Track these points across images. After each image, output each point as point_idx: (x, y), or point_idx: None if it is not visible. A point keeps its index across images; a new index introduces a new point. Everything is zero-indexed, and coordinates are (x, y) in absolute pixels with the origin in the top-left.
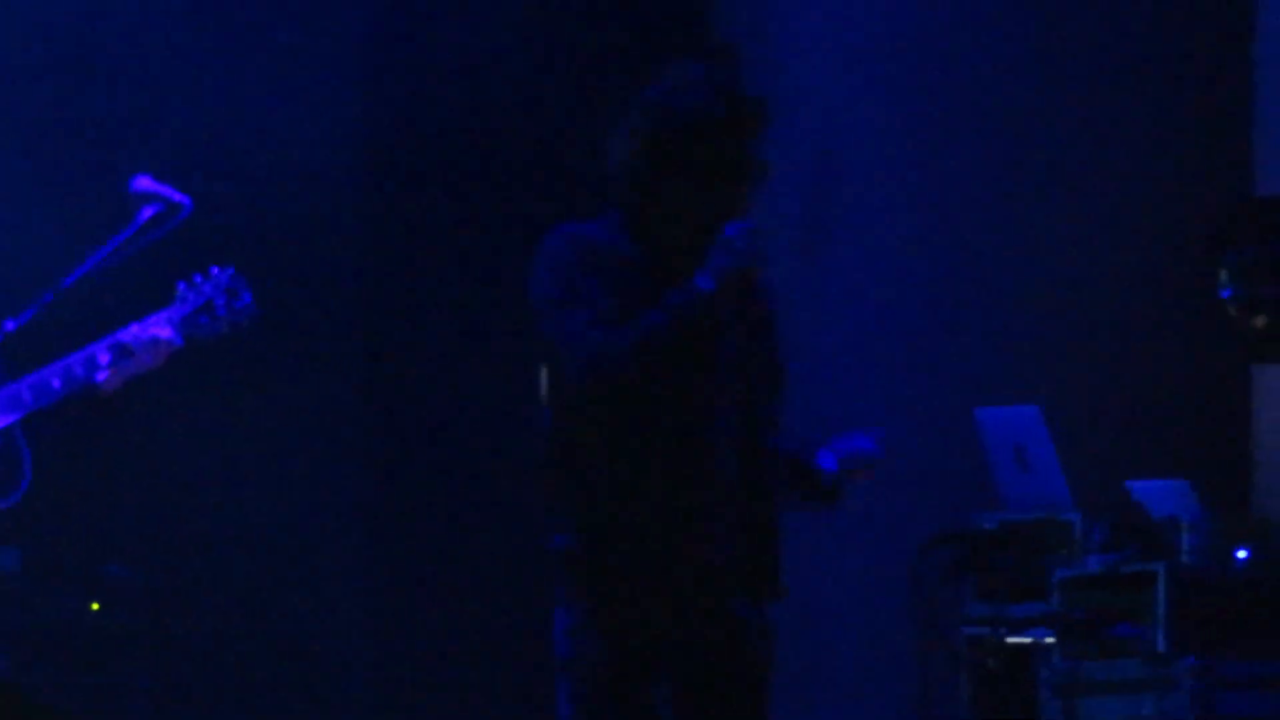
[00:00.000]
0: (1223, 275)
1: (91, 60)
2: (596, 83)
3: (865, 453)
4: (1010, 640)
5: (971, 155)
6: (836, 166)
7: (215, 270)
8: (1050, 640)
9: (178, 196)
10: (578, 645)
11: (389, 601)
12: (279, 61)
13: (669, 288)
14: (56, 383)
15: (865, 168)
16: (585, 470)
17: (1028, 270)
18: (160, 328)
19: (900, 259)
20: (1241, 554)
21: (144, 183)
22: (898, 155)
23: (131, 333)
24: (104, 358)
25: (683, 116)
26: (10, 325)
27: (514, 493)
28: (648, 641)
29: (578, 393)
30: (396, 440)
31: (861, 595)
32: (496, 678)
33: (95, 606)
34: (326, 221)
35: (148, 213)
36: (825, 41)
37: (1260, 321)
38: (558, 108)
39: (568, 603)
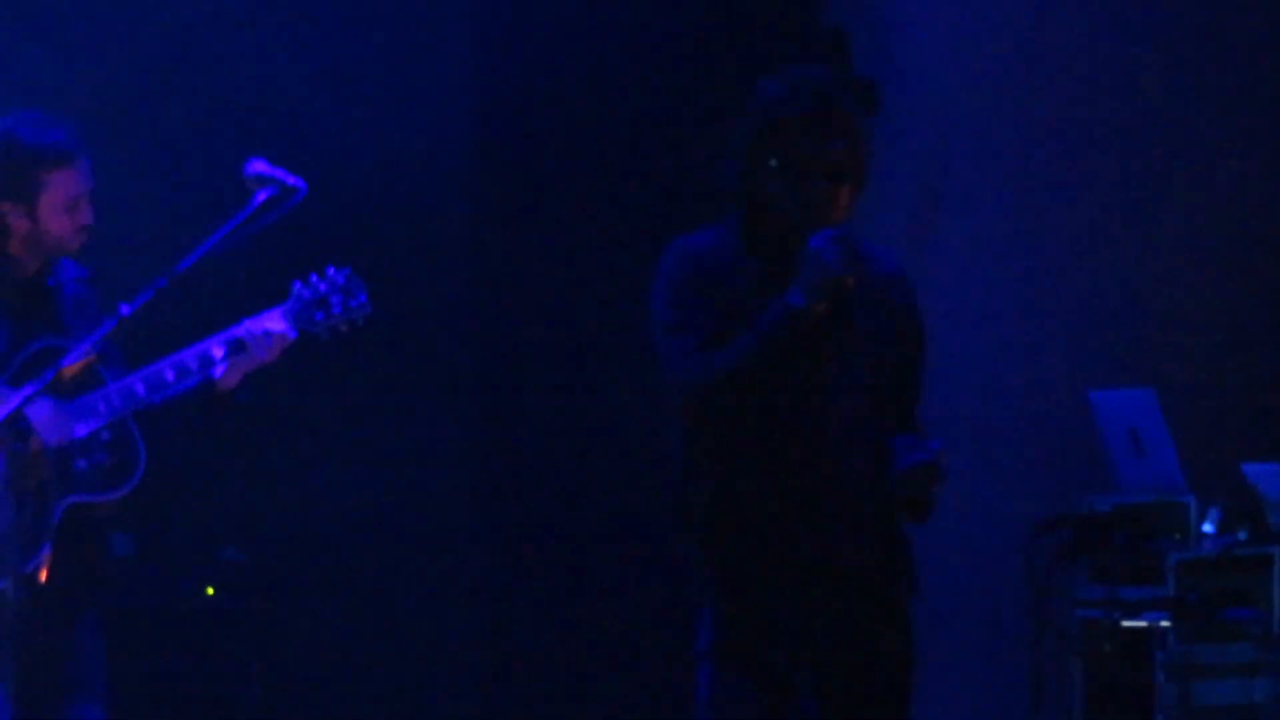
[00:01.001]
0: None
1: (209, 50)
2: (708, 76)
3: (917, 469)
4: (1125, 624)
5: (1082, 139)
6: (947, 151)
7: (331, 270)
8: (1165, 624)
9: (292, 180)
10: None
11: (501, 591)
12: (393, 60)
13: (776, 293)
14: (170, 375)
15: (976, 152)
16: (705, 477)
17: (1142, 253)
18: (274, 323)
19: (1013, 242)
20: None
21: (258, 166)
22: (1009, 138)
23: (245, 328)
24: (218, 352)
25: (771, 116)
26: (125, 310)
27: (630, 489)
28: (782, 641)
29: (689, 412)
30: (510, 433)
31: (975, 579)
32: (603, 666)
33: (210, 591)
34: (441, 222)
35: (262, 196)
36: (936, 28)
37: None
38: (669, 102)
39: (704, 601)
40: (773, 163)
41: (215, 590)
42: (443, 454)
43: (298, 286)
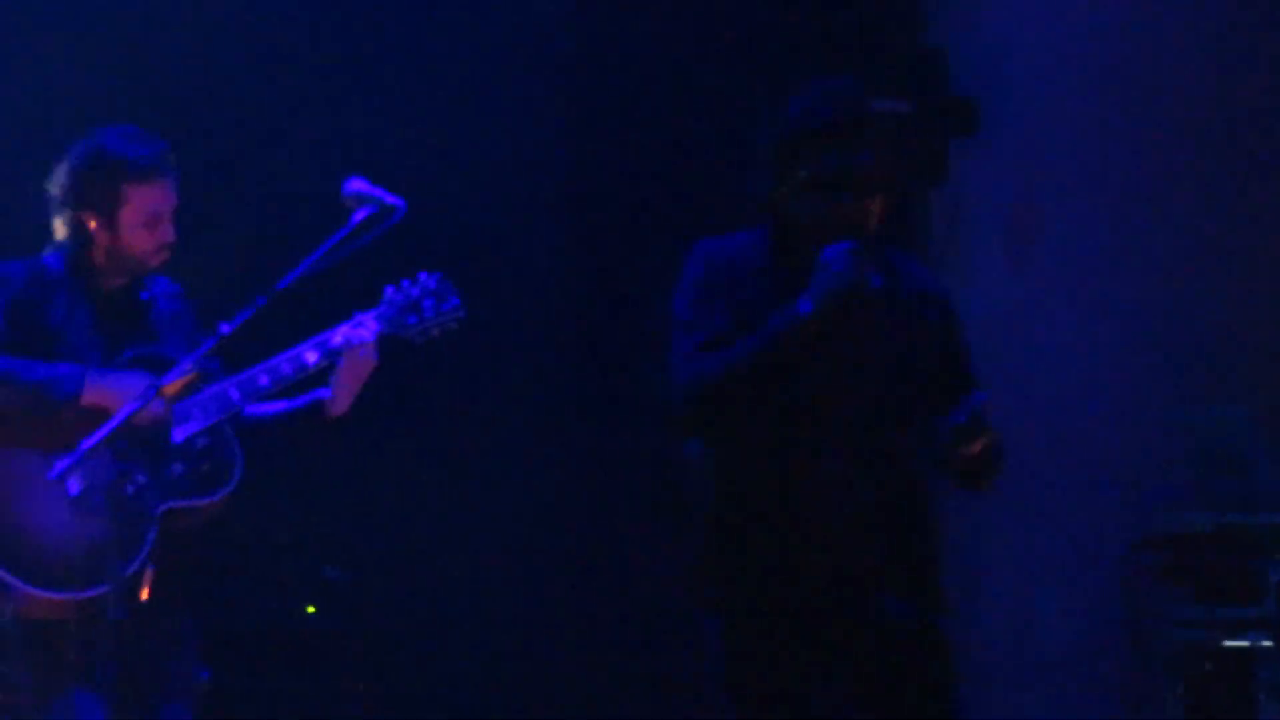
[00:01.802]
0: None
1: (305, 66)
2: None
3: (958, 430)
4: (1225, 644)
5: (1181, 157)
6: (1045, 171)
7: (423, 275)
8: (1267, 644)
9: (391, 199)
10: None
11: (609, 608)
12: (485, 69)
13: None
14: (264, 380)
15: (1074, 171)
16: (716, 483)
17: (1237, 272)
18: (366, 327)
19: (1111, 261)
20: None
21: (357, 185)
22: (1107, 156)
23: (338, 333)
24: (311, 356)
25: (797, 129)
26: (225, 328)
27: None
28: (799, 649)
29: (682, 412)
30: (615, 446)
31: (1073, 599)
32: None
33: (311, 610)
34: (534, 228)
35: (361, 215)
36: (1035, 48)
37: None
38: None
39: (712, 613)
40: (801, 174)
41: (316, 609)
42: (543, 466)
43: (389, 291)
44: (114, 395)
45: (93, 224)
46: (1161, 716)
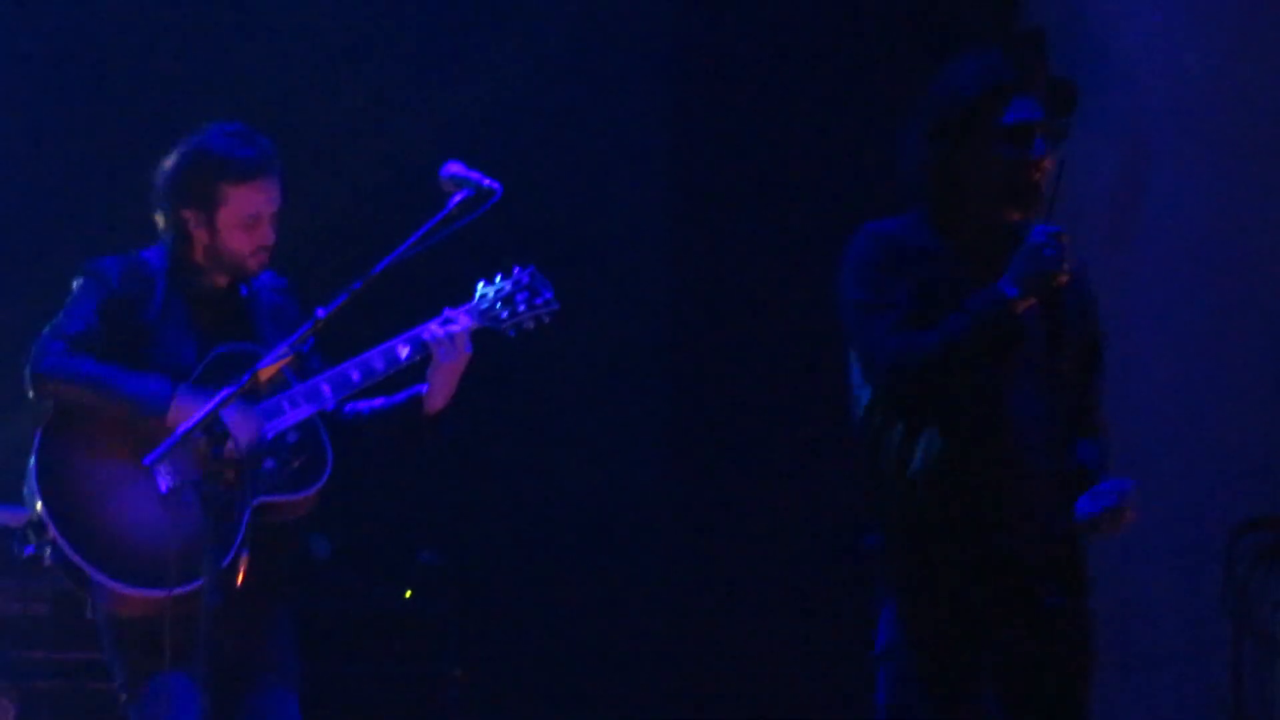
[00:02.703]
0: None
1: (397, 55)
2: (908, 77)
3: (1107, 514)
4: None
5: None
6: (1148, 152)
7: (516, 268)
8: None
9: (488, 182)
10: (897, 640)
11: (695, 592)
12: (587, 59)
13: (973, 279)
14: (355, 375)
15: (1177, 152)
16: (893, 470)
17: None
18: (458, 322)
19: (1214, 242)
20: None
21: (454, 168)
22: (1211, 139)
23: (430, 328)
24: (403, 350)
25: (953, 94)
26: (321, 312)
27: (820, 488)
28: (964, 638)
29: (883, 396)
30: (701, 435)
31: (1175, 582)
32: (801, 670)
33: (408, 594)
34: (632, 220)
35: (458, 198)
36: (1137, 27)
37: None
38: (867, 102)
39: (886, 598)
40: (960, 148)
41: (413, 593)
42: (638, 452)
43: (482, 285)
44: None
45: (191, 221)
46: (1263, 700)
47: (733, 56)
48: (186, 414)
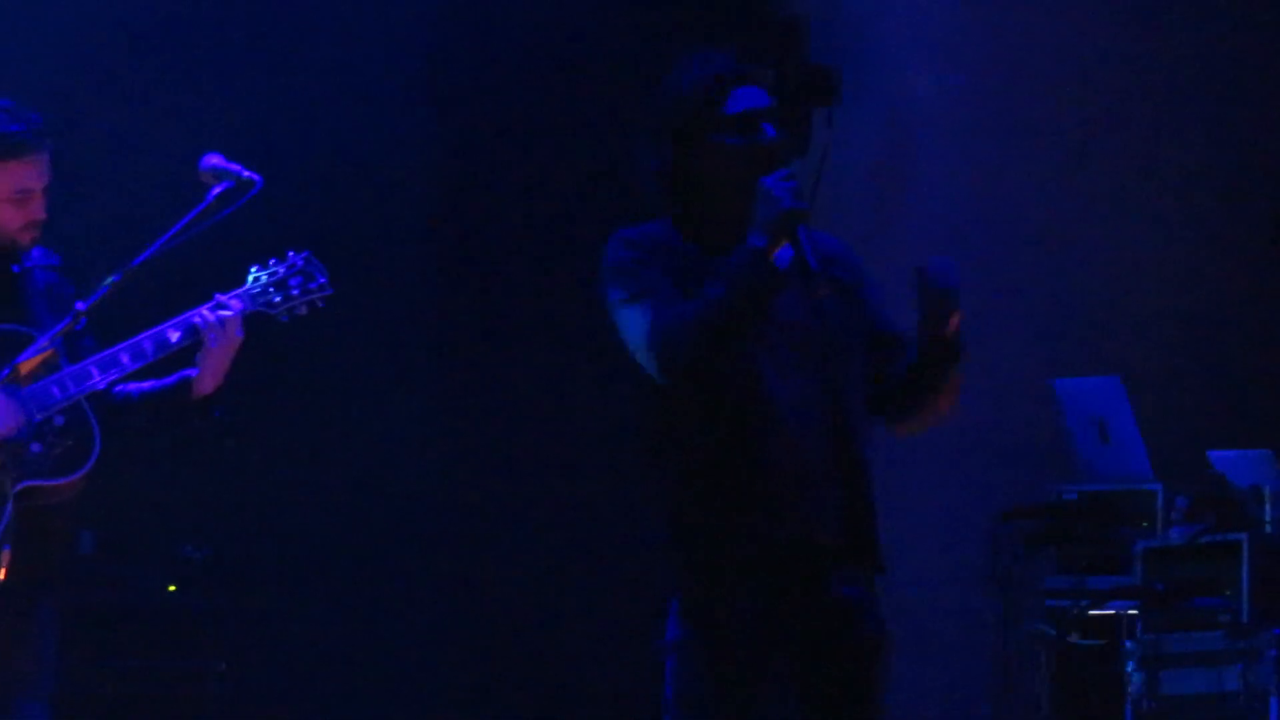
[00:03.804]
0: None
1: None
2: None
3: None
4: (1092, 613)
5: (1047, 126)
6: (908, 139)
7: (290, 253)
8: (1133, 612)
9: (247, 174)
10: (684, 633)
11: (469, 583)
12: (351, 44)
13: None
14: (125, 359)
15: (937, 139)
16: (674, 463)
17: (1108, 239)
18: (229, 306)
19: (975, 229)
20: None
21: (213, 160)
22: (971, 125)
23: (200, 312)
24: (174, 335)
25: (679, 92)
26: (81, 305)
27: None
28: (750, 630)
29: (659, 379)
30: (475, 423)
31: (942, 568)
32: (575, 658)
33: (172, 588)
34: (402, 209)
35: (217, 190)
36: (894, 15)
37: None
38: (625, 97)
39: (673, 590)
40: (697, 146)
41: (177, 587)
42: (407, 444)
43: (255, 269)
44: None
45: None
46: (1030, 686)
47: (496, 47)
48: None
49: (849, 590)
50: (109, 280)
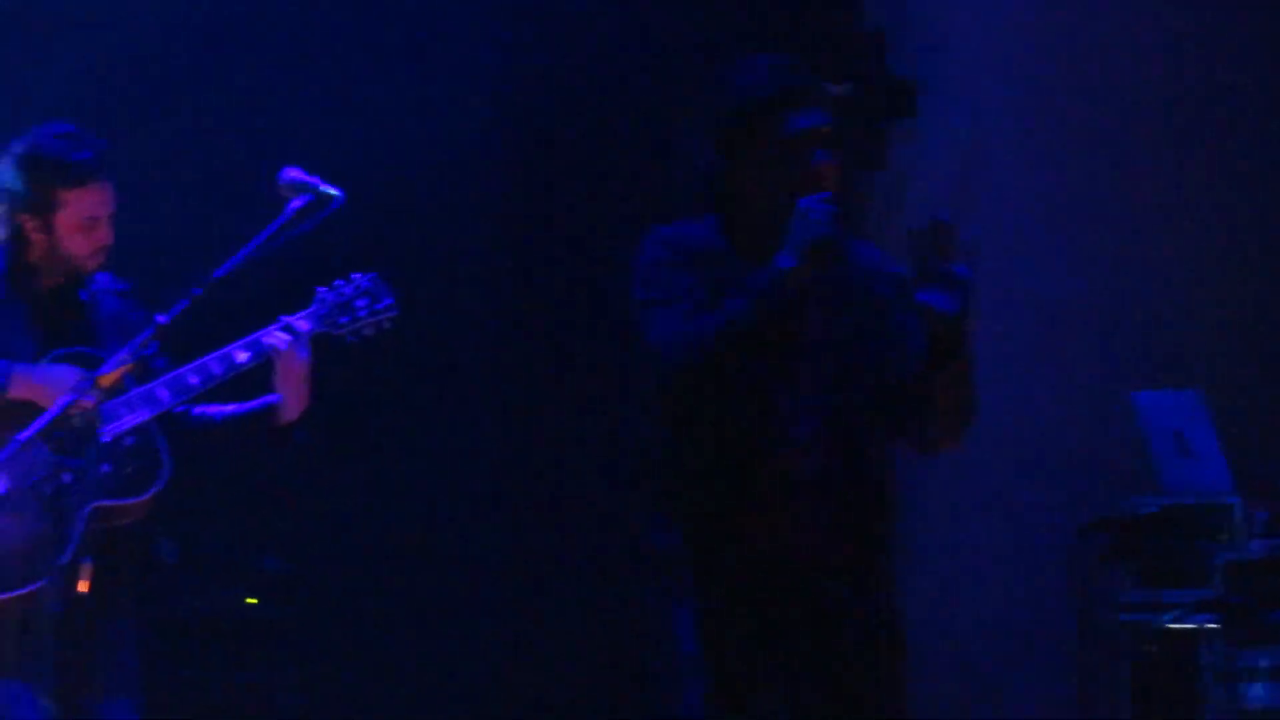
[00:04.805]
0: None
1: (243, 59)
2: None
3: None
4: (1171, 626)
5: (1124, 137)
6: (985, 151)
7: (357, 275)
8: (1212, 626)
9: (327, 187)
10: (693, 641)
11: (538, 602)
12: (418, 70)
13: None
14: (193, 380)
15: (1014, 151)
16: (679, 469)
17: (1186, 252)
18: (297, 326)
19: (1053, 242)
20: None
21: (293, 174)
22: (1048, 138)
23: (268, 333)
24: (241, 356)
25: (735, 102)
26: (161, 319)
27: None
28: (756, 640)
29: (673, 385)
30: (546, 443)
31: (1020, 583)
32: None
33: (252, 600)
34: (470, 228)
35: (297, 204)
36: (975, 30)
37: None
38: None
39: (679, 599)
40: (747, 149)
41: (257, 599)
42: (482, 462)
43: (321, 291)
44: (42, 388)
45: (29, 226)
46: (1108, 700)
47: (566, 60)
48: (28, 387)
49: (847, 599)
50: (190, 294)
